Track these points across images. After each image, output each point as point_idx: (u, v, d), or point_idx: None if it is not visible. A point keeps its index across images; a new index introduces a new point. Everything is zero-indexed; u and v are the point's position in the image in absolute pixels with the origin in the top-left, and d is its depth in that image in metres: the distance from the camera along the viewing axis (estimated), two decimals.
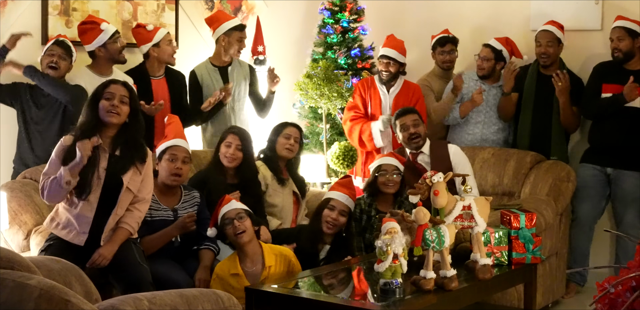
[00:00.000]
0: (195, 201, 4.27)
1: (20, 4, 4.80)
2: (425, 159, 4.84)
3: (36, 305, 2.33)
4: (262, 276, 3.86)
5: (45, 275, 2.77)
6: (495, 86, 5.56)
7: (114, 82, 3.81)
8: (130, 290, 3.30)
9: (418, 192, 3.51)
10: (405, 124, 4.83)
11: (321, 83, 5.60)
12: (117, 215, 3.79)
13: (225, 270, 3.89)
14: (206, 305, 2.75)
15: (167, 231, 4.07)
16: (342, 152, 5.60)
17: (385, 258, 3.24)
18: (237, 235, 3.87)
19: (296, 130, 4.89)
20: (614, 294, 2.15)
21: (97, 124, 3.74)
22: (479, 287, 3.65)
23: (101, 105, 3.73)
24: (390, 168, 4.55)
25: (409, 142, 4.83)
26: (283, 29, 6.36)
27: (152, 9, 5.48)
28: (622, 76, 5.09)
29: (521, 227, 3.93)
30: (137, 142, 3.84)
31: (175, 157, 4.17)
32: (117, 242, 3.76)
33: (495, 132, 5.54)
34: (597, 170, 5.23)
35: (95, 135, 3.71)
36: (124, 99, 3.75)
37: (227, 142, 4.55)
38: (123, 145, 3.79)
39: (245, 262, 3.90)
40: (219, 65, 5.40)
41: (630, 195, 5.12)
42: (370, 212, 4.55)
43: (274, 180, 4.77)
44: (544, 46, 5.35)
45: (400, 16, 6.36)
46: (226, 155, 4.52)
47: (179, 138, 4.27)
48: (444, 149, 4.86)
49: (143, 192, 3.87)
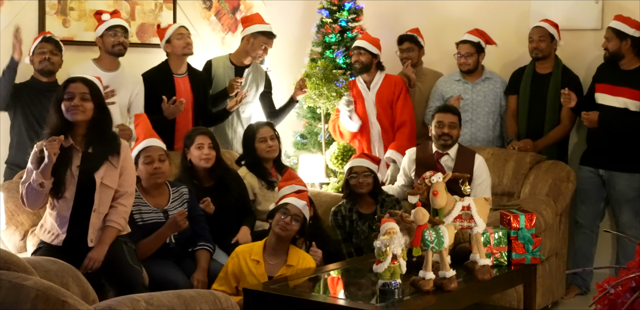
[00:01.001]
0: (184, 198, 4.22)
1: (17, 4, 4.78)
2: (448, 163, 4.78)
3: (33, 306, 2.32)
4: (280, 272, 3.87)
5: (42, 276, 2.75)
6: (479, 81, 5.55)
7: (72, 81, 3.76)
8: (123, 292, 3.28)
9: (417, 192, 3.50)
10: (442, 122, 4.76)
11: (320, 83, 5.59)
12: (100, 214, 3.75)
13: (247, 253, 3.91)
14: (204, 306, 2.74)
15: (161, 232, 4.03)
16: (341, 152, 5.59)
17: (384, 259, 3.23)
18: (281, 227, 3.89)
19: (267, 128, 4.84)
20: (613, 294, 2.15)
21: (65, 125, 3.71)
22: (478, 287, 3.64)
23: (63, 106, 3.69)
24: (361, 170, 4.56)
25: (438, 139, 4.77)
26: (281, 28, 6.34)
27: (150, 9, 5.47)
28: (615, 76, 5.11)
29: (521, 227, 3.92)
30: (108, 136, 3.81)
31: (151, 159, 4.12)
32: (107, 242, 3.73)
33: (484, 131, 5.53)
34: (592, 173, 5.23)
35: (70, 151, 3.68)
36: (84, 96, 3.71)
37: (197, 144, 4.42)
38: (95, 142, 3.75)
39: (269, 253, 3.93)
40: (237, 64, 5.42)
41: (623, 197, 5.12)
42: (351, 217, 4.54)
43: (263, 187, 4.73)
44: (535, 41, 5.37)
45: (399, 15, 6.35)
46: (201, 157, 4.41)
47: (149, 138, 4.20)
48: (471, 158, 4.79)
49: (124, 186, 3.83)
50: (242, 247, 3.99)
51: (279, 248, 3.95)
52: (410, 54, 5.73)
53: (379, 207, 4.52)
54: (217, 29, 6.02)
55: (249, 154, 4.84)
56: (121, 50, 4.82)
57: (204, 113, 5.20)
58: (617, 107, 5.05)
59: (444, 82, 5.62)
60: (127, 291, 3.25)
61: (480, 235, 3.64)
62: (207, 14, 5.92)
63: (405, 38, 5.75)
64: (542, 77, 5.40)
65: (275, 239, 3.95)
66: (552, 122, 5.36)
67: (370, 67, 5.55)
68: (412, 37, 5.74)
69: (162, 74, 5.06)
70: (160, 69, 5.12)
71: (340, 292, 3.71)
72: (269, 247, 3.96)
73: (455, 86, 5.56)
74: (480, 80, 5.55)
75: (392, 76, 5.62)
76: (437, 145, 4.82)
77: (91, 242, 3.72)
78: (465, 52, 5.47)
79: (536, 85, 5.41)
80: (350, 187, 4.59)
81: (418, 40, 5.76)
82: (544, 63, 5.41)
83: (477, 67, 5.54)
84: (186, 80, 5.14)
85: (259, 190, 4.71)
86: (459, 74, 5.60)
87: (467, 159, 4.78)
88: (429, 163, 4.74)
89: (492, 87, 5.55)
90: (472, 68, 5.51)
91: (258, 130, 4.81)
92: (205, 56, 5.73)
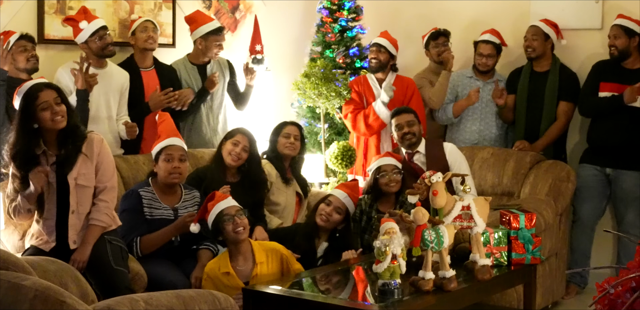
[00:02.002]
0: (196, 201, 4.25)
1: (16, 4, 4.77)
2: (421, 159, 4.84)
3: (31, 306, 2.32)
4: (253, 273, 3.84)
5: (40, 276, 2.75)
6: (490, 82, 5.57)
7: (39, 90, 3.66)
8: (107, 294, 3.24)
9: (417, 192, 3.50)
10: (399, 124, 4.84)
11: (319, 82, 5.58)
12: (81, 214, 3.71)
13: (215, 269, 3.86)
14: (203, 305, 2.74)
15: (167, 230, 4.04)
16: (341, 152, 5.57)
17: (384, 258, 3.22)
18: (237, 232, 3.83)
19: (295, 128, 4.91)
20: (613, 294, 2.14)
21: (35, 136, 3.64)
22: (478, 287, 3.63)
23: (42, 117, 3.61)
24: (389, 168, 4.55)
25: (402, 141, 4.83)
26: (281, 28, 6.34)
27: (149, 8, 5.45)
28: (621, 75, 5.11)
29: (521, 227, 3.92)
30: (76, 131, 3.74)
31: (172, 157, 4.13)
32: (90, 242, 3.69)
33: (494, 128, 5.55)
34: (597, 171, 5.22)
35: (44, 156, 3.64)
36: (57, 100, 3.66)
37: (234, 140, 4.54)
38: (67, 141, 3.69)
39: (237, 260, 3.89)
40: (197, 63, 5.35)
41: (630, 195, 5.12)
42: (370, 213, 4.53)
43: (279, 178, 4.79)
44: (529, 40, 5.42)
45: (398, 15, 6.35)
46: (231, 153, 4.51)
47: (172, 137, 4.23)
48: (440, 148, 4.86)
49: (102, 181, 3.78)
50: (209, 266, 3.91)
51: (243, 251, 3.90)
52: (447, 47, 5.71)
53: (398, 208, 4.50)
54: None
55: (271, 148, 4.91)
56: (112, 51, 4.78)
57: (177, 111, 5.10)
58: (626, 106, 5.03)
59: (456, 76, 5.62)
60: (111, 294, 3.19)
61: (480, 235, 3.63)
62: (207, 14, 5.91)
63: (440, 33, 5.74)
64: (540, 75, 5.43)
65: (234, 245, 3.88)
66: (549, 119, 5.38)
67: (386, 66, 5.54)
68: (446, 32, 5.75)
69: (127, 68, 4.99)
70: (126, 63, 5.05)
71: (340, 292, 3.70)
72: (233, 254, 3.90)
73: (467, 82, 5.59)
74: (491, 81, 5.57)
75: (403, 77, 5.60)
76: (404, 147, 4.87)
77: (74, 243, 3.69)
78: (487, 53, 5.49)
79: (534, 83, 5.44)
80: (379, 186, 4.56)
81: (450, 35, 5.76)
82: (541, 62, 5.44)
83: (492, 69, 5.57)
84: (153, 74, 5.09)
85: (275, 180, 4.76)
86: (471, 71, 5.62)
87: (437, 151, 4.84)
88: (404, 167, 4.72)
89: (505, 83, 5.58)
90: (490, 69, 5.55)
91: (286, 126, 4.91)
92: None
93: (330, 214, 4.28)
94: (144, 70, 5.08)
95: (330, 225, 4.30)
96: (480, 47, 5.53)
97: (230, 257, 3.89)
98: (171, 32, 5.59)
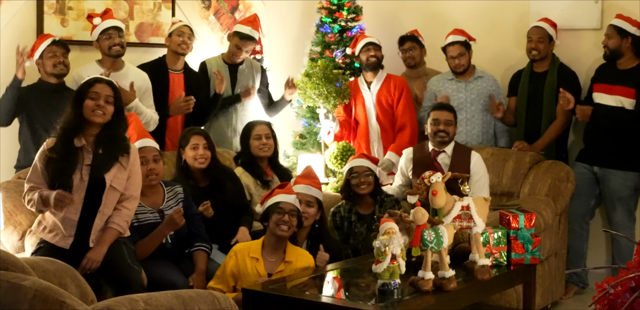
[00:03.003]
0: (180, 197, 4.21)
1: (15, 4, 4.77)
2: (445, 160, 4.81)
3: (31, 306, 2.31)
4: (279, 268, 3.89)
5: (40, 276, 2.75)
6: (472, 80, 5.55)
7: (99, 81, 3.76)
8: (122, 292, 3.27)
9: (416, 192, 3.49)
10: (438, 119, 4.79)
11: (319, 82, 5.58)
12: (105, 215, 3.76)
13: (245, 251, 3.92)
14: (202, 306, 2.73)
15: (158, 231, 4.03)
16: (340, 152, 5.57)
17: (384, 259, 3.22)
18: (279, 225, 3.90)
19: (264, 127, 4.83)
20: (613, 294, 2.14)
21: (80, 123, 3.70)
22: (478, 287, 3.63)
23: (86, 104, 3.69)
24: (361, 170, 4.55)
25: (434, 136, 4.80)
26: (281, 28, 6.34)
27: (149, 8, 5.46)
28: (612, 75, 5.13)
29: (520, 227, 3.92)
30: (120, 139, 3.81)
31: (145, 159, 4.10)
32: (106, 243, 3.73)
33: (480, 128, 5.52)
34: (586, 169, 5.24)
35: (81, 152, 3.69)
36: (109, 99, 3.72)
37: (192, 144, 4.42)
38: (106, 144, 3.75)
39: (268, 251, 3.95)
40: (229, 62, 5.43)
41: (616, 194, 5.12)
42: (350, 218, 4.53)
43: (258, 186, 4.72)
44: (534, 42, 5.38)
45: (398, 15, 6.34)
46: (196, 157, 4.40)
47: (143, 138, 4.19)
48: (467, 154, 4.82)
49: (130, 189, 3.83)
50: (240, 245, 4.00)
51: (277, 246, 3.97)
52: (413, 53, 5.74)
53: (378, 207, 4.51)
54: (216, 28, 6.02)
55: (244, 151, 4.84)
56: (119, 51, 4.82)
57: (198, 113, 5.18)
58: (613, 106, 5.05)
59: (436, 81, 5.62)
60: (125, 291, 3.24)
61: (480, 235, 3.63)
62: (206, 14, 5.92)
63: (406, 38, 5.77)
64: (539, 76, 5.43)
65: (274, 238, 3.95)
66: (549, 119, 5.37)
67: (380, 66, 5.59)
68: (413, 37, 5.76)
69: (157, 68, 5.09)
70: (157, 63, 5.17)
71: (340, 292, 3.70)
72: (267, 245, 3.97)
73: (448, 85, 5.56)
74: (472, 78, 5.56)
75: (393, 76, 5.62)
76: (433, 143, 4.83)
77: (92, 242, 3.72)
78: (457, 53, 5.47)
79: (534, 83, 5.43)
80: (351, 187, 4.57)
81: (419, 39, 5.77)
82: (542, 62, 5.43)
83: (469, 68, 5.55)
84: (181, 77, 5.17)
85: (255, 190, 4.70)
86: (451, 73, 5.60)
87: (464, 157, 4.79)
88: (426, 162, 4.75)
89: (484, 85, 5.54)
90: (466, 68, 5.52)
91: (254, 128, 4.81)
92: (204, 55, 5.73)
93: (304, 210, 4.16)
94: (172, 72, 5.15)
95: (308, 223, 4.22)
96: (448, 51, 5.51)
97: (263, 246, 3.94)
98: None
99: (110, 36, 4.78)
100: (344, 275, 3.89)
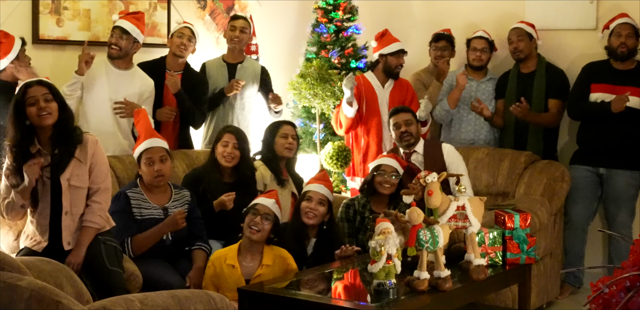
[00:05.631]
0: (186, 200, 4.24)
1: (11, 3, 4.76)
2: (419, 159, 4.84)
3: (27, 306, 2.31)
4: (257, 273, 3.87)
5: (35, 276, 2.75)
6: (484, 81, 5.58)
7: (29, 86, 3.67)
8: (103, 295, 3.23)
9: (412, 192, 3.50)
10: (397, 123, 4.84)
11: (315, 83, 5.58)
12: (74, 215, 3.71)
13: (222, 259, 3.90)
14: (198, 305, 2.73)
15: (158, 229, 4.04)
16: (336, 152, 5.57)
17: (379, 258, 3.22)
18: (251, 229, 3.89)
19: (291, 127, 4.89)
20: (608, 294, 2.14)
21: (27, 132, 3.64)
22: (473, 287, 3.64)
23: (29, 112, 3.62)
24: (389, 169, 4.51)
25: (400, 141, 4.83)
26: (276, 28, 6.34)
27: (144, 8, 5.45)
28: (612, 75, 5.12)
29: (515, 227, 3.92)
30: (71, 132, 3.74)
31: (152, 160, 4.12)
32: (84, 244, 3.69)
33: (487, 128, 5.56)
34: (589, 172, 5.22)
35: (39, 155, 3.63)
36: (47, 97, 3.65)
37: (223, 141, 4.53)
38: (61, 141, 3.70)
39: (245, 256, 3.93)
40: (229, 62, 5.44)
41: (622, 195, 5.12)
42: (364, 213, 4.52)
43: (274, 181, 4.74)
44: (515, 42, 5.41)
45: (394, 15, 6.35)
46: (224, 154, 4.51)
47: (150, 138, 4.20)
48: (438, 148, 4.86)
49: (96, 182, 3.77)
50: (217, 254, 3.98)
51: (253, 250, 3.95)
52: (445, 52, 5.74)
53: (392, 209, 4.48)
54: (212, 28, 6.01)
55: (267, 148, 4.85)
56: (111, 52, 4.81)
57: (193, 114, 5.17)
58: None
59: (451, 76, 5.60)
60: (106, 294, 3.17)
61: (475, 235, 3.63)
62: (202, 14, 5.91)
63: (442, 36, 5.76)
64: (527, 76, 5.44)
65: (248, 242, 3.94)
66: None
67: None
68: (449, 37, 5.76)
69: (155, 67, 5.08)
70: (156, 62, 5.17)
71: (335, 292, 3.70)
72: (243, 249, 3.94)
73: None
74: (485, 79, 5.59)
75: (402, 79, 5.59)
76: (402, 146, 4.87)
77: (68, 245, 3.69)
78: (481, 47, 5.50)
79: (521, 85, 5.44)
80: (374, 184, 4.52)
81: (453, 41, 5.77)
82: (527, 63, 5.45)
83: (486, 65, 5.58)
84: (178, 77, 5.13)
85: (270, 183, 4.72)
86: (464, 70, 5.60)
87: (436, 151, 4.83)
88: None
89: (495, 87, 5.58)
90: (484, 64, 5.56)
91: (282, 126, 4.86)
92: (199, 55, 5.72)
93: (316, 208, 4.23)
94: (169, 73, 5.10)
95: (318, 221, 4.26)
96: (473, 42, 5.55)
97: (239, 251, 3.92)
98: (166, 33, 5.59)
99: (112, 34, 4.79)
100: (340, 274, 3.89)
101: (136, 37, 4.81)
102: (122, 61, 4.84)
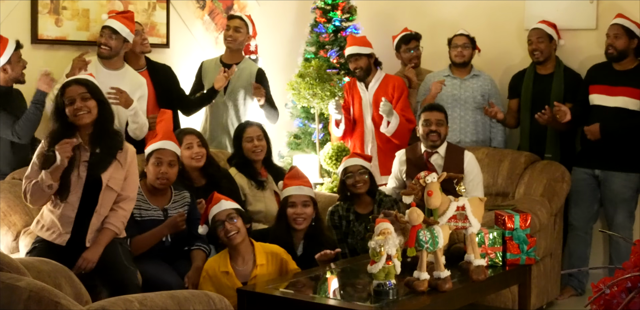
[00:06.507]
0: (186, 201, 4.24)
1: (10, 3, 4.76)
2: (438, 161, 4.77)
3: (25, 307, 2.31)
4: (252, 274, 3.84)
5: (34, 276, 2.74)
6: (467, 78, 5.55)
7: (67, 86, 3.73)
8: (117, 293, 3.25)
9: (412, 192, 3.49)
10: (429, 120, 4.74)
11: (314, 83, 5.57)
12: (101, 215, 3.75)
13: (215, 268, 3.87)
14: (197, 306, 2.73)
15: (158, 230, 4.04)
16: (335, 152, 5.57)
17: (379, 259, 3.22)
18: (229, 237, 3.84)
19: (255, 128, 4.83)
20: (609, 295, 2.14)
21: (69, 129, 3.69)
22: (473, 288, 3.63)
23: (67, 112, 3.68)
24: (355, 168, 4.51)
25: (426, 138, 4.74)
26: (275, 28, 6.33)
27: (143, 8, 5.44)
28: (611, 76, 5.10)
29: (515, 227, 3.92)
30: (112, 133, 3.81)
31: (161, 161, 4.11)
32: (102, 244, 3.72)
33: (473, 126, 5.51)
34: (587, 174, 5.20)
35: (77, 150, 3.67)
36: (84, 95, 3.69)
37: (187, 144, 4.44)
38: (102, 140, 3.74)
39: (236, 260, 3.89)
40: (226, 62, 5.44)
41: (619, 196, 5.10)
42: (348, 217, 4.51)
43: (252, 187, 4.72)
44: (535, 43, 5.35)
45: (393, 15, 6.35)
46: (192, 156, 4.43)
47: (166, 140, 4.19)
48: (460, 154, 4.78)
49: (127, 190, 3.82)
50: (209, 263, 3.93)
51: (243, 253, 3.91)
52: (418, 52, 5.74)
53: (377, 207, 4.49)
54: (211, 28, 6.00)
55: (237, 154, 4.84)
56: (101, 52, 4.79)
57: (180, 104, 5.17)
58: (614, 107, 5.03)
59: (433, 77, 5.60)
60: (120, 292, 3.23)
61: (475, 236, 3.63)
62: (201, 14, 5.91)
63: (411, 37, 5.75)
64: (544, 78, 5.38)
65: (232, 247, 3.89)
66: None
67: (370, 68, 5.53)
68: (417, 36, 5.76)
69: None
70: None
71: (335, 293, 3.69)
72: (233, 254, 3.91)
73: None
74: (469, 77, 5.56)
75: (391, 77, 5.59)
76: (425, 145, 4.80)
77: (88, 242, 3.72)
78: (462, 43, 5.48)
79: (538, 86, 5.39)
80: (347, 187, 4.54)
81: (420, 39, 5.77)
82: (545, 64, 5.39)
83: (469, 62, 5.55)
84: (145, 74, 5.08)
85: (249, 191, 4.69)
86: (448, 70, 5.60)
87: (457, 157, 4.77)
88: (419, 163, 4.73)
89: (480, 83, 5.54)
90: (467, 60, 5.52)
91: (245, 130, 4.81)
92: (198, 55, 5.72)
93: (302, 212, 4.15)
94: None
95: (308, 223, 4.19)
96: (454, 40, 5.52)
97: (230, 257, 3.90)
98: (165, 32, 5.58)
99: (102, 34, 4.76)
100: (339, 275, 3.89)
101: (126, 36, 4.79)
102: (112, 61, 4.81)
